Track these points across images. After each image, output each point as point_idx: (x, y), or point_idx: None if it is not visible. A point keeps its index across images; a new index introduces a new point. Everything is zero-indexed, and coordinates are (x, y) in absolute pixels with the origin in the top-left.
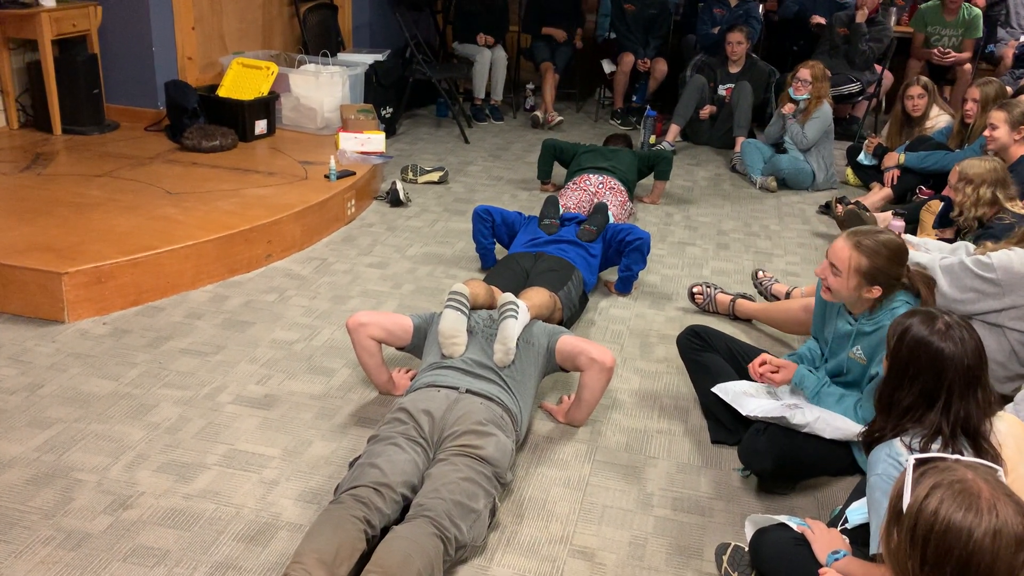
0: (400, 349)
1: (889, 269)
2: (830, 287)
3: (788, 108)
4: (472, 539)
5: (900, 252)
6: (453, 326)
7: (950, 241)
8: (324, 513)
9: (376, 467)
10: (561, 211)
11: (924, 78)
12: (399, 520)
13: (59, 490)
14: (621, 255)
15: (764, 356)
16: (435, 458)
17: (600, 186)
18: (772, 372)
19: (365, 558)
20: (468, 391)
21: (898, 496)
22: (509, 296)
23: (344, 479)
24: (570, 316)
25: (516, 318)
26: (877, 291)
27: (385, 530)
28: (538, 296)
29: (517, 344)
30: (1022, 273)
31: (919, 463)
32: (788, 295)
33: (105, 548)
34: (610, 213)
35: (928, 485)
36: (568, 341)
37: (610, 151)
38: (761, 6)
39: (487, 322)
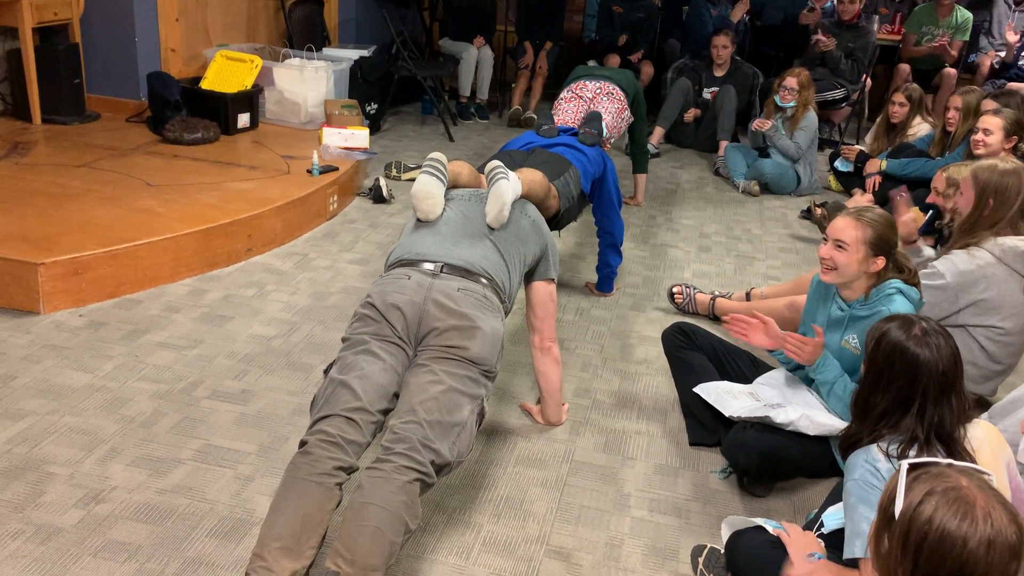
0: None
1: (890, 237)
2: (836, 265)
3: (758, 125)
4: (457, 455)
5: (893, 222)
6: (427, 188)
7: (932, 248)
8: (288, 473)
9: (349, 387)
10: (557, 124)
11: (912, 86)
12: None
13: (30, 483)
14: (599, 213)
15: (791, 333)
16: (415, 359)
17: (597, 91)
18: (800, 346)
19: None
20: (446, 267)
21: (890, 501)
22: (497, 162)
23: (317, 395)
24: (568, 209)
25: (508, 180)
26: (881, 262)
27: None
28: (531, 173)
29: (513, 210)
30: (967, 270)
31: (912, 467)
32: (748, 296)
33: (76, 542)
34: (603, 124)
35: (922, 491)
36: (546, 294)
37: (610, 68)
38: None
39: (473, 195)
